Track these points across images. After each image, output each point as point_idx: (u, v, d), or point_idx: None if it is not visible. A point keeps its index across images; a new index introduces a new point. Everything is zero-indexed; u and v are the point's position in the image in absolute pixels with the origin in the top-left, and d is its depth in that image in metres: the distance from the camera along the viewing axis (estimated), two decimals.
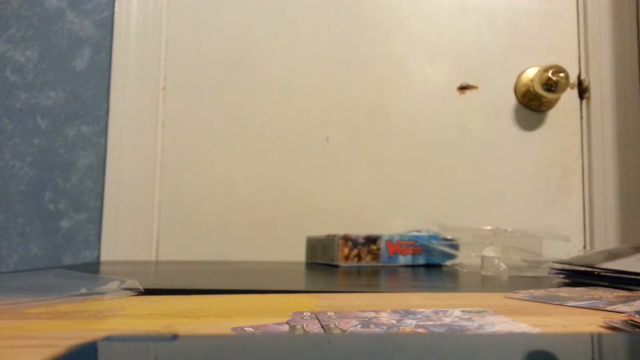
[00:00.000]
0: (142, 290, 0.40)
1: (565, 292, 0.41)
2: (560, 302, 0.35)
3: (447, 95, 1.07)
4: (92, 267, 0.72)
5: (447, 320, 0.27)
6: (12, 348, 0.21)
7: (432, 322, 0.27)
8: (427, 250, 0.82)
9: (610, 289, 0.43)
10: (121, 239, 1.00)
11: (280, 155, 1.05)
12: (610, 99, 1.05)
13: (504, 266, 0.61)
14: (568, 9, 1.09)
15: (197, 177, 1.04)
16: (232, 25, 1.07)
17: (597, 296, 0.38)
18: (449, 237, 0.83)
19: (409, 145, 1.06)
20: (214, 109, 1.05)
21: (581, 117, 1.07)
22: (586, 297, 0.38)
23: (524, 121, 1.07)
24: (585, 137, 1.06)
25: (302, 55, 1.07)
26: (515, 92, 1.07)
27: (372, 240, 0.81)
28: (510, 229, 0.71)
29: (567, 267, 0.53)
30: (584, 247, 1.04)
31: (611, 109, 1.05)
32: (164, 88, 1.06)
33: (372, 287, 0.45)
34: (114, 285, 0.39)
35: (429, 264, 0.83)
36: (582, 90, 1.07)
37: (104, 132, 1.03)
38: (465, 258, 0.80)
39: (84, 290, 0.37)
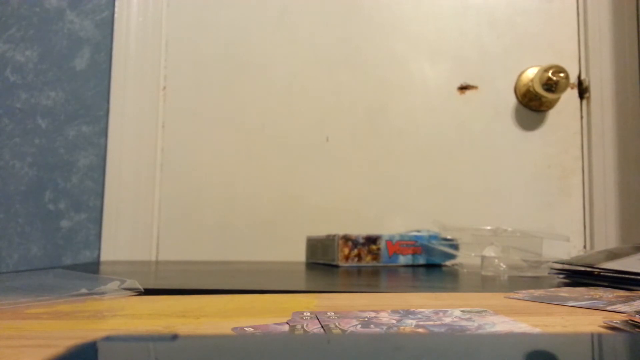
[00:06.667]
0: (142, 290, 0.40)
1: (565, 292, 0.41)
2: (560, 302, 0.35)
3: (447, 95, 1.07)
4: (92, 267, 0.72)
5: (447, 320, 0.27)
6: (12, 348, 0.21)
7: (432, 322, 0.27)
8: (427, 250, 0.82)
9: (610, 289, 0.43)
10: (121, 239, 1.00)
11: (280, 155, 1.05)
12: (610, 99, 1.05)
13: (504, 266, 0.61)
14: (568, 9, 1.09)
15: (197, 177, 1.04)
16: (232, 25, 1.07)
17: (597, 296, 0.38)
18: (449, 237, 0.83)
19: (409, 145, 1.06)
20: (214, 109, 1.05)
21: (581, 117, 1.07)
22: (586, 297, 0.38)
23: (524, 121, 1.07)
24: (585, 137, 1.06)
25: (302, 56, 1.07)
26: (515, 92, 1.07)
27: (372, 240, 0.81)
28: (510, 229, 0.71)
29: (567, 267, 0.53)
30: (584, 247, 1.04)
31: (611, 109, 1.05)
32: (164, 88, 1.06)
33: (372, 287, 0.45)
34: (114, 285, 0.39)
35: (429, 264, 0.83)
36: (582, 90, 1.07)
37: (104, 132, 1.03)
38: (465, 258, 0.80)
39: (84, 290, 0.37)
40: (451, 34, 1.08)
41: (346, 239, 0.80)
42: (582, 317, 0.30)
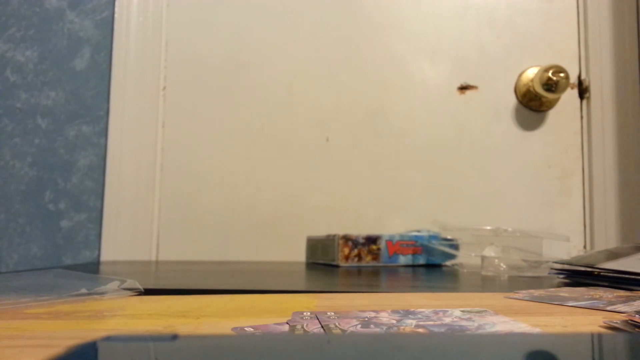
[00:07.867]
0: (142, 290, 0.40)
1: (565, 292, 0.41)
2: (560, 302, 0.35)
3: (447, 95, 1.07)
4: (92, 267, 0.72)
5: (447, 320, 0.27)
6: (12, 348, 0.21)
7: (432, 322, 0.27)
8: (427, 250, 0.82)
9: (610, 289, 0.43)
10: (121, 239, 1.00)
11: (280, 156, 1.05)
12: (610, 99, 1.05)
13: (504, 266, 0.61)
14: (568, 9, 1.09)
15: (197, 177, 1.04)
16: (232, 25, 1.07)
17: (597, 296, 0.38)
18: (449, 237, 0.83)
19: (409, 146, 1.06)
20: (214, 109, 1.05)
21: (581, 117, 1.07)
22: (586, 297, 0.38)
23: (524, 121, 1.07)
24: (585, 137, 1.06)
25: (302, 56, 1.07)
26: (515, 92, 1.07)
27: (372, 240, 0.81)
28: (510, 229, 0.71)
29: (567, 267, 0.53)
30: (584, 247, 1.04)
31: (611, 109, 1.05)
32: (164, 88, 1.06)
33: (372, 287, 0.45)
34: (114, 285, 0.39)
35: (429, 264, 0.83)
36: (582, 90, 1.07)
37: (104, 132, 1.03)
38: (465, 258, 0.80)
39: (84, 290, 0.37)
40: (451, 34, 1.08)
41: (346, 239, 0.80)
42: (582, 317, 0.30)
